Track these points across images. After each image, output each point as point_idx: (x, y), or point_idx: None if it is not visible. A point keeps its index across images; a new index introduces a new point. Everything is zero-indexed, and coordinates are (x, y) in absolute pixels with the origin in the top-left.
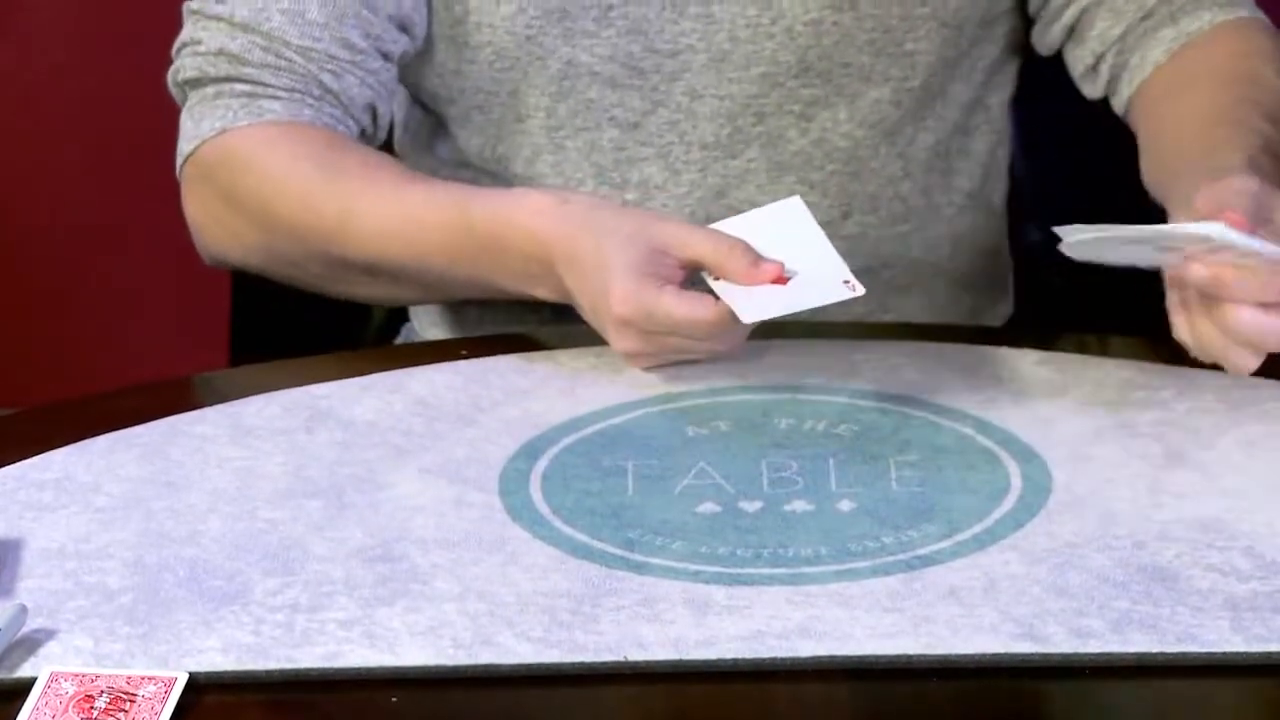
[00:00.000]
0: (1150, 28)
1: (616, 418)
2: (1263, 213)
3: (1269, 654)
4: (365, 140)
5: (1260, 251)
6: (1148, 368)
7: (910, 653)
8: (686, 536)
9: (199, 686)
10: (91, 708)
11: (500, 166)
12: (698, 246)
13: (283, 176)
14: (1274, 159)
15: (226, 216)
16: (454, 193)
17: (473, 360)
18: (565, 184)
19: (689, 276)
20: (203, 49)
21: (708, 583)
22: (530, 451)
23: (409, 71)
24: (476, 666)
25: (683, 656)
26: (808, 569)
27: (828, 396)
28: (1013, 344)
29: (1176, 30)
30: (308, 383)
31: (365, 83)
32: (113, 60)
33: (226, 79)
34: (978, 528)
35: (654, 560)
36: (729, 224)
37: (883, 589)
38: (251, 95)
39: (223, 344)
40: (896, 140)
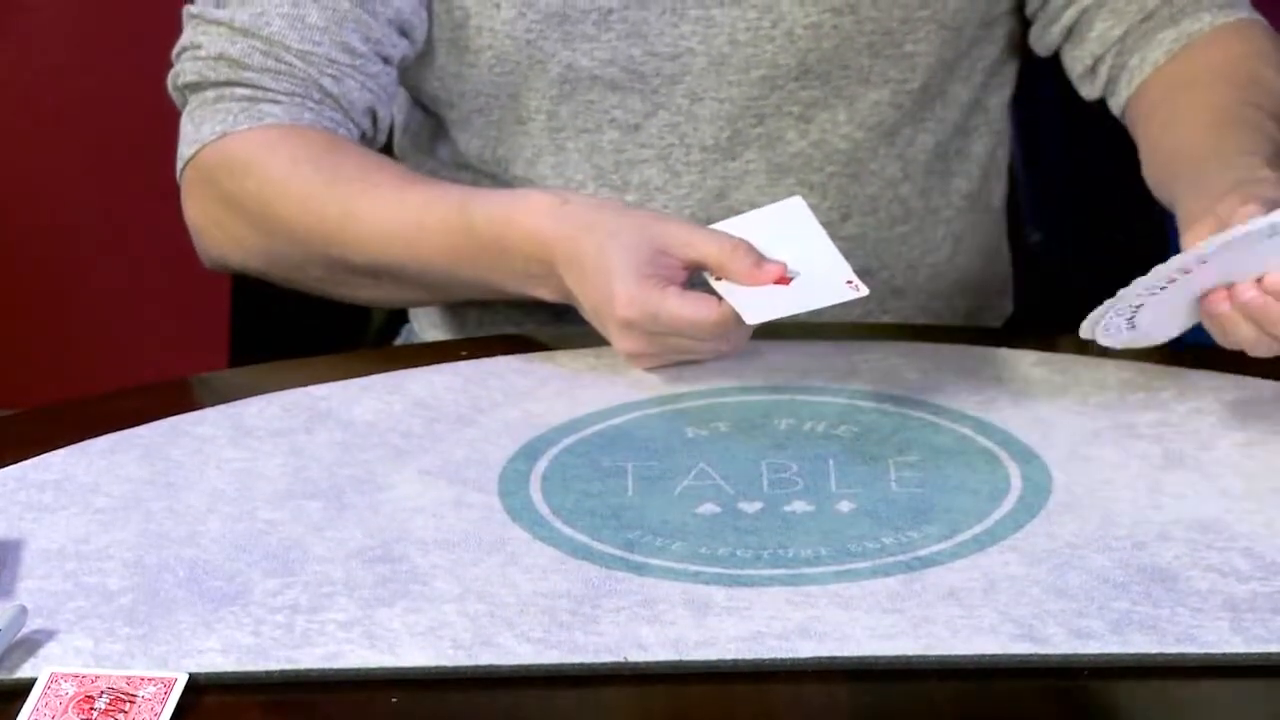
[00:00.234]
0: (1150, 29)
1: (616, 419)
2: None
3: (1269, 655)
4: (366, 143)
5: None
6: (1147, 368)
7: (910, 653)
8: (686, 537)
9: (199, 687)
10: (91, 708)
11: (501, 168)
12: (700, 247)
13: (283, 180)
14: None
15: (227, 220)
16: (455, 194)
17: (472, 361)
18: (566, 186)
19: (691, 277)
20: (203, 53)
21: (708, 583)
22: (530, 452)
23: (410, 74)
24: (476, 667)
25: (683, 657)
26: (807, 570)
27: (827, 397)
28: (1012, 344)
29: (1177, 31)
30: (308, 384)
31: (365, 86)
32: (113, 61)
33: (227, 83)
34: (977, 528)
35: (654, 561)
36: (730, 224)
37: (882, 590)
38: (252, 99)
39: (223, 345)
40: (896, 142)
